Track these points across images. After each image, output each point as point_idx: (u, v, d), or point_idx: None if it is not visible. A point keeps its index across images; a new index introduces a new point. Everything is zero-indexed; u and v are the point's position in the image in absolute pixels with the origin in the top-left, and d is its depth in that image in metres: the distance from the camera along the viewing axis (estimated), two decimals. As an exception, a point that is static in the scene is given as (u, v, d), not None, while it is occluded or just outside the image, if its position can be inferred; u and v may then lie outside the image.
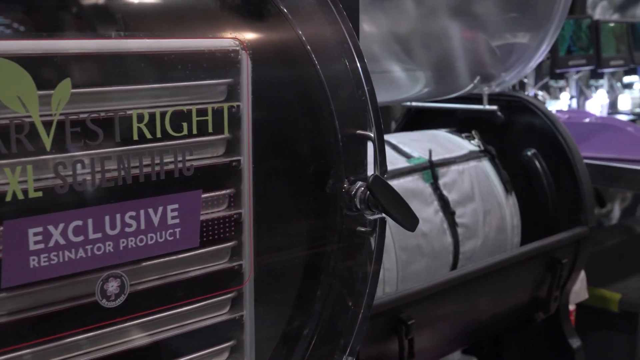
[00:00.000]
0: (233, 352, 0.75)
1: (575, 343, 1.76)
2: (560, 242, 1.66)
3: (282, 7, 0.77)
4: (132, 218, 0.64)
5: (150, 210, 0.66)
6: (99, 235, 0.63)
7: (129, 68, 0.64)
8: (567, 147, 1.74)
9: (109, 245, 0.63)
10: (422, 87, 1.75)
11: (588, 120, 2.58)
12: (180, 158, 0.67)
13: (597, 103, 3.24)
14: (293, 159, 0.79)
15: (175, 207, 0.67)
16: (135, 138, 0.64)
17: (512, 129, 1.83)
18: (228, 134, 0.71)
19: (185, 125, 0.67)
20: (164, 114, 0.65)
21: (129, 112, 0.63)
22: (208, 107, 0.69)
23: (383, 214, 0.80)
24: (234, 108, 0.70)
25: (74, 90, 0.60)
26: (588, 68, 3.09)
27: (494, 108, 1.82)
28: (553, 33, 1.77)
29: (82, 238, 0.61)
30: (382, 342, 1.30)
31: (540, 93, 3.02)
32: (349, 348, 0.83)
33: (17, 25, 0.59)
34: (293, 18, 0.77)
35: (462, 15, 1.66)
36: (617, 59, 3.19)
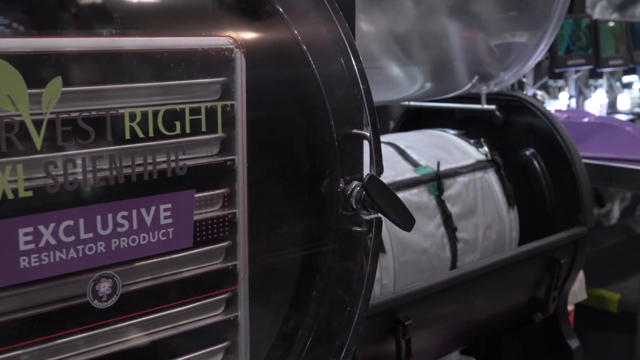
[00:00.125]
0: (227, 353, 0.75)
1: (574, 343, 1.75)
2: (559, 242, 1.66)
3: (277, 5, 0.76)
4: (124, 218, 0.64)
5: (143, 210, 0.65)
6: (91, 235, 0.62)
7: (121, 66, 0.63)
8: (565, 146, 1.73)
9: (101, 246, 0.63)
10: (420, 86, 1.75)
11: (587, 120, 2.57)
12: (173, 157, 0.66)
13: (596, 103, 3.23)
14: (288, 159, 0.78)
15: (168, 206, 0.67)
16: (128, 137, 0.63)
17: (510, 129, 1.83)
18: (222, 133, 0.70)
19: (178, 124, 0.66)
20: (157, 113, 0.65)
21: (121, 110, 0.63)
22: (201, 105, 0.68)
23: (379, 214, 0.79)
24: (228, 107, 0.70)
25: (65, 89, 0.59)
26: (587, 67, 3.09)
27: (493, 107, 1.81)
28: (552, 32, 1.77)
29: (73, 238, 0.61)
30: (379, 342, 1.30)
31: (539, 92, 3.01)
32: (345, 349, 0.82)
33: (7, 24, 0.58)
34: (288, 16, 0.77)
35: (460, 15, 1.66)
36: (616, 59, 3.19)
